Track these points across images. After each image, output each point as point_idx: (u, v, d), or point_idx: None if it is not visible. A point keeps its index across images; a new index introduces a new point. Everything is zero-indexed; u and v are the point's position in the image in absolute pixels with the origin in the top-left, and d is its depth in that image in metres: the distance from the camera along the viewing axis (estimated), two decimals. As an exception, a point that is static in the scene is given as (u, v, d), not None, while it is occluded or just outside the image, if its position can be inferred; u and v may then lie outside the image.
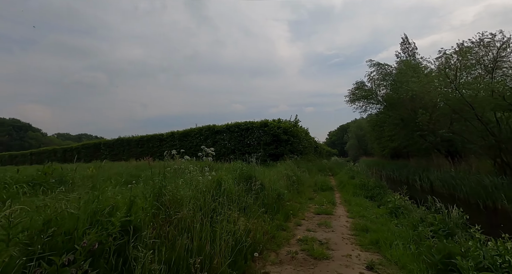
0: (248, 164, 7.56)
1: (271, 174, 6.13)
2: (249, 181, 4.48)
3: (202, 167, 4.58)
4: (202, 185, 3.14)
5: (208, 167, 5.90)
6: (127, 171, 5.90)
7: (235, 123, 15.52)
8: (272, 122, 14.37)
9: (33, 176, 4.56)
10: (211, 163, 7.77)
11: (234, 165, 9.07)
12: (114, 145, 22.31)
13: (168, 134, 18.77)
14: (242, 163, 10.41)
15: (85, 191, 2.32)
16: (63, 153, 27.27)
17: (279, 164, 9.62)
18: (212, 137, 16.17)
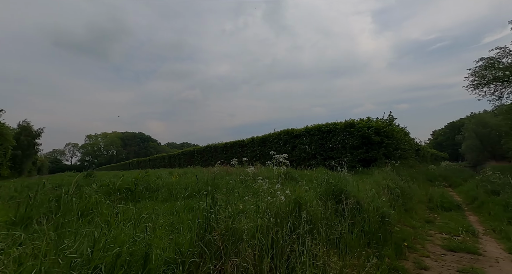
0: (334, 172, 6.31)
1: (367, 187, 4.72)
2: (338, 197, 3.38)
3: (278, 174, 3.80)
4: (273, 207, 2.34)
5: (284, 175, 5.10)
6: (204, 179, 5.94)
7: (315, 125, 14.25)
8: (360, 122, 12.30)
9: (128, 182, 4.88)
10: (288, 171, 6.99)
11: (317, 173, 7.94)
12: (204, 151, 24.98)
13: (249, 140, 19.30)
14: (326, 170, 9.12)
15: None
16: (169, 159, 32.93)
17: (375, 171, 7.77)
18: (291, 141, 15.40)
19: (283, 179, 5.93)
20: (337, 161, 12.76)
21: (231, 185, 4.66)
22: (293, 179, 6.21)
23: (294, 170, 8.77)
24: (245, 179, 5.25)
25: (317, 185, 3.75)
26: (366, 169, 11.07)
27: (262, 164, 18.18)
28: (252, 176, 4.70)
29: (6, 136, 19.89)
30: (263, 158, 17.55)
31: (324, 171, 8.28)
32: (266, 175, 5.86)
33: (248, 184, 4.97)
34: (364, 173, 10.38)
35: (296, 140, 15.05)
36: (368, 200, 3.82)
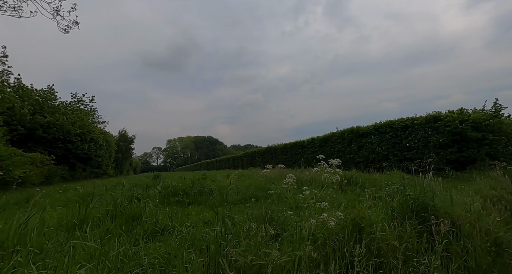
0: (413, 177, 5.10)
1: (466, 199, 3.50)
2: (422, 215, 2.50)
3: (334, 182, 3.21)
4: (320, 232, 1.78)
5: (347, 180, 4.37)
6: (257, 183, 5.71)
7: (386, 122, 12.34)
8: (448, 114, 9.93)
9: (185, 185, 5.05)
10: (352, 175, 5.94)
11: (390, 177, 6.67)
12: (264, 153, 25.23)
13: (309, 141, 18.38)
14: (402, 175, 7.61)
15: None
16: (233, 160, 34.79)
17: (476, 176, 5.97)
18: (357, 141, 13.80)
19: (345, 185, 5.11)
20: (416, 163, 10.68)
21: (272, 196, 4.26)
22: (357, 184, 5.29)
23: (360, 174, 7.64)
24: (287, 188, 4.75)
25: (388, 198, 2.91)
26: (459, 173, 8.79)
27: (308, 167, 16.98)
28: (297, 184, 4.19)
29: (110, 143, 24.84)
30: (325, 160, 16.38)
31: (399, 176, 6.93)
32: (320, 181, 5.23)
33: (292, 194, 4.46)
34: (457, 178, 8.25)
35: (363, 139, 13.38)
36: (471, 219, 2.76)
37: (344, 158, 14.62)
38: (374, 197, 3.29)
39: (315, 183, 5.47)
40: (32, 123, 12.39)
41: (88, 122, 16.61)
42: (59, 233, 2.52)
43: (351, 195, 4.13)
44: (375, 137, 12.77)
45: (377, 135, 12.64)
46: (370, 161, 13.01)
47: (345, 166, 14.43)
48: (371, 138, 12.94)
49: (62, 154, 14.53)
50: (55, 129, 13.31)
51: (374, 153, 12.63)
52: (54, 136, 13.42)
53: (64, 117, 13.70)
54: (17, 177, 8.14)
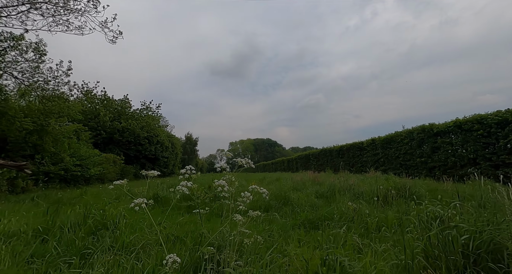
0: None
1: None
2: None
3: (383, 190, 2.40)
4: None
5: (396, 192, 3.39)
6: (279, 189, 5.00)
7: (473, 117, 9.61)
8: None
9: (202, 188, 4.86)
10: (406, 184, 4.40)
11: (470, 189, 4.96)
12: (319, 155, 23.64)
13: (368, 142, 16.16)
14: (493, 184, 5.59)
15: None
16: (287, 163, 34.07)
17: None
18: (430, 141, 11.24)
19: (393, 196, 3.85)
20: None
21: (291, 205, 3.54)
22: (411, 196, 3.94)
23: (422, 182, 5.97)
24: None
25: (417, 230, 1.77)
26: None
27: (384, 171, 14.47)
28: (328, 192, 3.37)
29: (175, 145, 27.87)
30: (388, 164, 14.04)
31: (486, 187, 5.12)
32: (365, 188, 4.12)
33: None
34: None
35: (439, 139, 10.80)
36: None
37: (412, 162, 12.17)
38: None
39: (352, 192, 4.45)
40: (111, 128, 15.11)
41: (154, 126, 19.14)
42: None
43: (392, 213, 3.03)
44: (456, 136, 10.10)
45: (459, 133, 9.97)
46: (449, 167, 10.36)
47: (415, 172, 11.96)
48: (450, 138, 10.29)
49: (134, 155, 17.15)
50: (128, 133, 15.82)
51: (455, 156, 9.98)
52: (127, 139, 15.99)
53: (135, 122, 16.17)
54: (93, 174, 9.92)
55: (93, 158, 10.61)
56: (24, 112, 7.70)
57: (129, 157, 17.07)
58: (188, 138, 45.02)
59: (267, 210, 3.70)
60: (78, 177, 9.67)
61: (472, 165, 9.41)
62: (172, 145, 26.24)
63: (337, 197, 4.16)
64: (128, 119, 16.40)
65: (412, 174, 12.12)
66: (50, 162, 8.34)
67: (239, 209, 2.62)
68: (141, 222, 3.38)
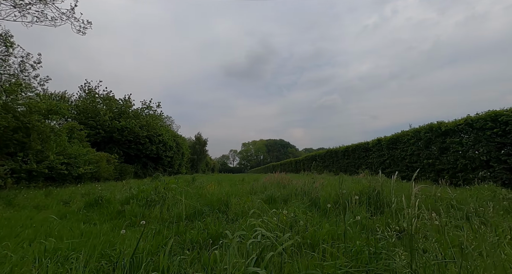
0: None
1: None
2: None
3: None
4: None
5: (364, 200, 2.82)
6: (231, 192, 4.52)
7: (487, 113, 8.55)
8: None
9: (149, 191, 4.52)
10: (376, 188, 3.68)
11: (465, 195, 4.24)
12: (325, 156, 22.72)
13: (374, 142, 15.16)
14: (499, 189, 4.78)
15: None
16: (295, 164, 33.26)
17: None
18: (437, 141, 10.22)
19: (356, 202, 3.17)
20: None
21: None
22: (375, 204, 3.23)
23: (406, 184, 5.23)
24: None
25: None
26: None
27: (389, 174, 13.43)
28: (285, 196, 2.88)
29: (181, 145, 28.01)
30: (394, 165, 13.02)
31: (488, 193, 4.37)
32: (322, 193, 3.52)
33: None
34: None
35: (447, 138, 9.78)
36: None
37: (419, 164, 11.16)
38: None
39: (310, 197, 3.87)
40: (111, 127, 15.30)
41: (156, 125, 19.20)
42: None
43: (328, 225, 2.38)
44: (467, 136, 9.05)
45: (470, 132, 8.92)
46: (458, 170, 9.32)
47: (422, 175, 10.94)
48: (460, 137, 9.25)
49: (135, 154, 17.30)
50: (127, 132, 15.94)
51: (465, 157, 8.94)
52: (127, 138, 16.13)
53: (134, 121, 16.25)
54: (83, 172, 9.94)
55: (84, 156, 10.67)
56: (5, 109, 7.78)
57: (129, 156, 17.24)
58: (198, 139, 45.35)
59: (192, 220, 3.21)
60: (66, 176, 9.73)
61: (485, 168, 8.35)
62: (178, 144, 26.35)
63: (293, 202, 3.62)
64: (128, 118, 16.55)
65: (419, 177, 11.10)
66: (34, 160, 8.40)
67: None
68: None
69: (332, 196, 3.53)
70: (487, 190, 5.16)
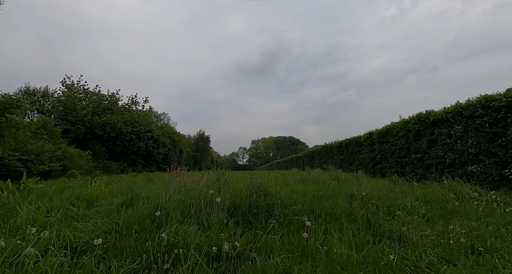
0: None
1: None
2: None
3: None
4: None
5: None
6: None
7: (477, 100, 7.42)
8: None
9: None
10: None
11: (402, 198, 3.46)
12: (321, 153, 21.72)
13: (366, 136, 14.06)
14: (460, 187, 3.92)
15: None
16: (296, 161, 32.38)
17: None
18: (426, 133, 9.11)
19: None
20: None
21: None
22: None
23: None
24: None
25: None
26: None
27: (381, 173, 12.30)
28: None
29: (177, 142, 27.85)
30: (384, 161, 11.94)
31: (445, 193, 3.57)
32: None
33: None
34: None
35: (436, 129, 8.68)
36: None
37: (408, 159, 10.09)
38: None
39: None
40: (91, 123, 15.14)
41: (143, 121, 18.87)
42: None
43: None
44: (456, 127, 7.93)
45: (460, 122, 7.80)
46: (446, 165, 8.22)
47: (411, 171, 9.87)
48: (448, 128, 8.12)
49: (121, 151, 17.17)
50: (109, 128, 15.77)
51: (453, 151, 7.84)
52: (109, 134, 15.99)
53: (116, 117, 16.03)
54: (45, 169, 9.67)
55: (52, 153, 10.44)
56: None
57: (115, 153, 17.12)
58: (201, 136, 45.28)
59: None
60: (23, 173, 9.45)
61: (475, 161, 7.24)
62: (174, 141, 26.20)
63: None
64: (113, 114, 16.37)
65: (407, 174, 10.03)
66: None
67: None
68: None
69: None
70: (442, 187, 4.23)
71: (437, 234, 2.53)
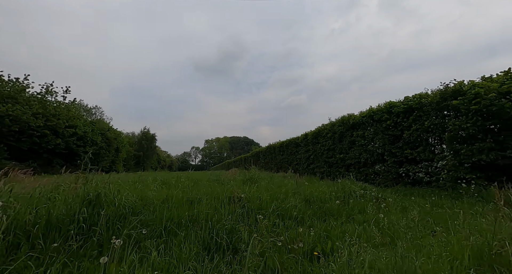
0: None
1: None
2: None
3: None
4: None
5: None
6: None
7: (384, 105, 8.25)
8: (482, 84, 5.62)
9: None
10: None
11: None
12: (266, 153, 22.13)
13: (302, 137, 14.72)
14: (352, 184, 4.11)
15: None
16: (244, 161, 32.37)
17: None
18: (348, 135, 9.87)
19: None
20: (423, 167, 6.57)
21: None
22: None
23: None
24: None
25: None
26: (493, 188, 4.59)
27: (313, 173, 13.07)
28: None
29: (112, 140, 24.91)
30: (316, 161, 12.60)
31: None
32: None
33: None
34: (484, 201, 4.25)
35: (354, 132, 9.43)
36: None
37: (334, 160, 10.78)
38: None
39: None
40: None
41: (62, 115, 16.07)
42: None
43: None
44: (369, 129, 8.73)
45: (372, 125, 8.61)
46: (362, 164, 9.01)
47: (335, 171, 10.57)
48: (364, 131, 8.92)
49: (29, 149, 14.26)
50: (8, 121, 12.91)
51: (367, 151, 8.62)
52: (10, 128, 13.13)
53: (19, 107, 13.10)
54: None
55: None
56: None
57: (21, 152, 14.05)
58: (145, 134, 41.72)
59: None
60: None
61: (381, 161, 8.07)
62: (107, 139, 23.34)
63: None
64: (16, 103, 13.38)
65: (333, 173, 10.75)
66: None
67: None
68: None
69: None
70: (336, 185, 4.44)
71: (290, 238, 2.45)
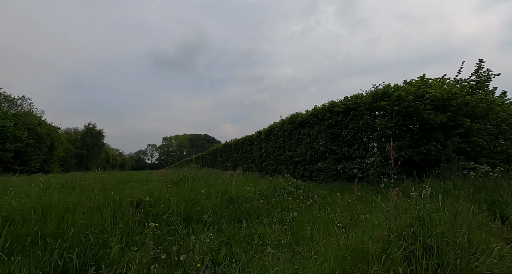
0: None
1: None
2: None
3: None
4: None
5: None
6: None
7: (328, 104, 8.64)
8: (403, 88, 6.21)
9: None
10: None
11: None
12: (223, 151, 21.75)
13: (256, 135, 14.77)
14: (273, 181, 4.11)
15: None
16: (201, 159, 31.40)
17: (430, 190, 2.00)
18: (296, 133, 10.16)
19: None
20: (356, 164, 7.04)
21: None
22: None
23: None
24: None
25: None
26: (411, 181, 5.12)
27: (265, 170, 13.25)
28: None
29: (44, 135, 21.66)
30: (268, 159, 12.74)
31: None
32: None
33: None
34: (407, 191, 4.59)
35: (302, 130, 9.74)
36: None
37: (283, 157, 11.01)
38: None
39: None
40: None
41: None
42: None
43: None
44: (314, 128, 9.10)
45: (317, 124, 8.97)
46: (308, 162, 9.36)
47: (284, 168, 10.80)
48: (310, 129, 9.27)
49: None
50: None
51: (312, 149, 8.98)
52: None
53: None
54: None
55: None
56: None
57: None
58: (89, 130, 37.37)
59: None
60: None
61: (323, 159, 8.48)
62: (37, 135, 20.18)
63: None
64: None
65: (282, 171, 10.98)
66: None
67: None
68: None
69: None
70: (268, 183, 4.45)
71: (184, 247, 2.28)
